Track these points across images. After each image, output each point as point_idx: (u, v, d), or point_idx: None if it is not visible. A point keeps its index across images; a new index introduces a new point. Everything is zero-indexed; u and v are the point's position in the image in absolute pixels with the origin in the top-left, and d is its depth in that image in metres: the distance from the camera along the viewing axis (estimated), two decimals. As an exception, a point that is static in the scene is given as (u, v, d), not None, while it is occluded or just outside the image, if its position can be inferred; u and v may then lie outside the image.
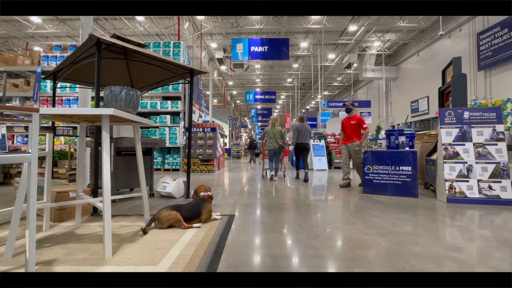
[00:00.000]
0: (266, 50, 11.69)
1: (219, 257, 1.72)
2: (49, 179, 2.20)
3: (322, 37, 15.28)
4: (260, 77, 23.84)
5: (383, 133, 11.02)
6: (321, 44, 16.13)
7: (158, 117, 8.20)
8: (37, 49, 15.35)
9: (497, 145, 3.49)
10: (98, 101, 2.43)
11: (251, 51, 11.70)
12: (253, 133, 37.58)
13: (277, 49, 11.62)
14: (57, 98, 7.24)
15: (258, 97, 20.11)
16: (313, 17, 13.61)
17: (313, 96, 25.26)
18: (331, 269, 1.57)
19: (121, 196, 2.33)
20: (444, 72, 4.67)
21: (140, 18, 13.49)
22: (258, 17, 13.79)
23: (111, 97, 2.21)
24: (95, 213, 2.86)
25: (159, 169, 8.18)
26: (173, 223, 2.32)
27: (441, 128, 3.71)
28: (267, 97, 20.11)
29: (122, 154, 3.55)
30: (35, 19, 13.28)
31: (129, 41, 2.81)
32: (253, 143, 14.30)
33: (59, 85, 6.54)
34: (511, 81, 10.10)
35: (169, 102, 8.19)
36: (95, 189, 2.77)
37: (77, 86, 6.13)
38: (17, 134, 6.82)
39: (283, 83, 25.80)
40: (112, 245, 1.91)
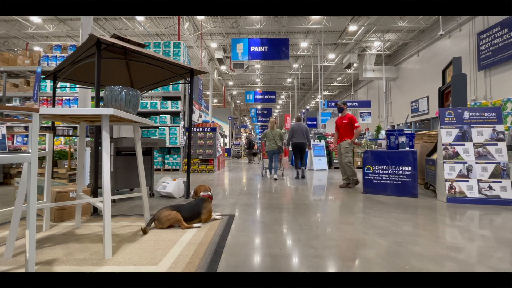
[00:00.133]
0: (266, 50, 11.69)
1: (219, 257, 1.72)
2: (49, 179, 2.20)
3: (322, 37, 15.28)
4: (260, 77, 23.85)
5: (383, 133, 11.04)
6: (321, 44, 16.13)
7: (158, 117, 8.20)
8: (37, 49, 15.35)
9: (497, 145, 3.49)
10: (98, 101, 2.43)
11: (251, 51, 11.70)
12: (253, 133, 37.57)
13: (277, 49, 11.62)
14: (57, 98, 7.24)
15: (258, 97, 20.10)
16: (313, 17, 13.60)
17: (313, 96, 25.28)
18: (331, 269, 1.57)
19: (121, 196, 2.33)
20: (444, 72, 4.67)
21: (140, 18, 13.49)
22: (258, 17, 13.79)
23: (111, 97, 2.21)
24: (95, 213, 2.86)
25: (159, 169, 8.18)
26: (173, 223, 2.32)
27: (441, 128, 3.71)
28: (267, 97, 20.11)
29: (122, 154, 3.55)
30: (35, 19, 13.28)
31: (129, 41, 2.82)
32: (251, 143, 14.30)
33: (59, 85, 6.54)
34: (511, 81, 10.10)
35: (169, 102, 8.20)
36: (95, 189, 2.77)
37: (77, 86, 6.13)
38: (17, 134, 6.82)
39: (283, 83, 25.80)
40: (112, 245, 1.91)
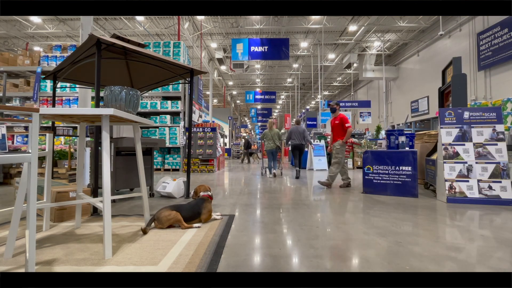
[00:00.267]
0: (266, 50, 11.69)
1: (219, 257, 1.72)
2: (49, 179, 2.20)
3: (322, 37, 15.28)
4: (260, 77, 23.85)
5: (383, 133, 11.04)
6: (321, 44, 16.13)
7: (158, 117, 8.20)
8: (37, 49, 15.35)
9: (497, 145, 3.49)
10: (98, 101, 2.43)
11: (251, 51, 11.71)
12: (253, 133, 37.55)
13: (277, 49, 11.62)
14: (57, 98, 7.24)
15: (258, 97, 20.12)
16: (313, 17, 13.61)
17: (313, 96, 25.27)
18: (331, 269, 1.57)
19: (121, 196, 2.33)
20: (444, 72, 4.67)
21: (140, 18, 13.49)
22: (258, 17, 13.79)
23: (111, 97, 2.21)
24: (95, 213, 2.86)
25: (159, 169, 8.18)
26: (173, 223, 2.32)
27: (441, 128, 3.71)
28: (267, 97, 20.13)
29: (122, 154, 3.55)
30: (35, 19, 13.28)
31: (129, 41, 2.82)
32: (249, 143, 14.36)
33: (59, 85, 6.54)
34: (511, 81, 10.10)
35: (169, 102, 8.20)
36: (95, 189, 2.77)
37: (77, 86, 6.13)
38: (17, 134, 6.82)
39: (283, 83, 25.80)
40: (112, 245, 1.91)
